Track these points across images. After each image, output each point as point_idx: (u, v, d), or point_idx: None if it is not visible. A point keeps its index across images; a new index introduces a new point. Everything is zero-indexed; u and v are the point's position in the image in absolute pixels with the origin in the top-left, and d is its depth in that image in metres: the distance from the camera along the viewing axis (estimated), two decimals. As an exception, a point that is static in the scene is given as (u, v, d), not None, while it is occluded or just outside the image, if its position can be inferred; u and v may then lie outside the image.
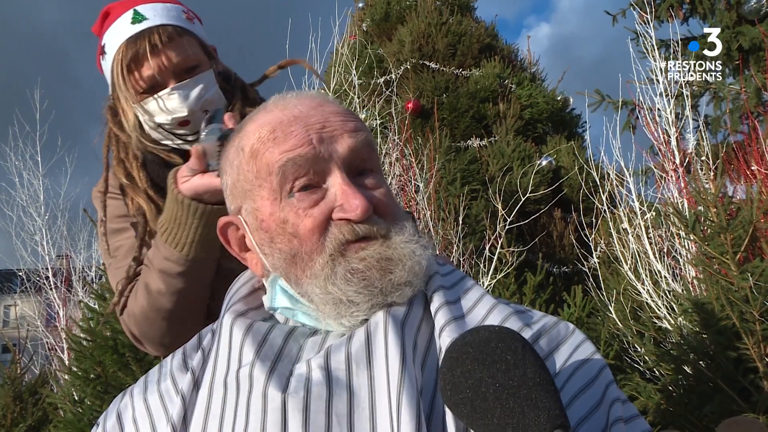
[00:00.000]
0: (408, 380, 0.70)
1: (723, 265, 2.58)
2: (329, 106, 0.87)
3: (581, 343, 0.79)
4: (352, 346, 0.76)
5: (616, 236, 3.60)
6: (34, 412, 4.14)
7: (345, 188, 0.80)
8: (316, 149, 0.81)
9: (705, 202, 2.71)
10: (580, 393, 0.73)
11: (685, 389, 2.62)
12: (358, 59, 5.46)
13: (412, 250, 0.81)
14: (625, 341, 3.19)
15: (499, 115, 6.35)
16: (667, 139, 3.73)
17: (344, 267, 0.78)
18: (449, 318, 0.77)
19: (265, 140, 0.83)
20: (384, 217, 0.83)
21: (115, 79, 1.34)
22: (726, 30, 6.02)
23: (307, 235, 0.80)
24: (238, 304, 0.88)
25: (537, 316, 0.82)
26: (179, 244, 1.25)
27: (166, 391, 0.84)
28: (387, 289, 0.78)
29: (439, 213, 3.76)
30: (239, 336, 0.81)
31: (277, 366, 0.76)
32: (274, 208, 0.83)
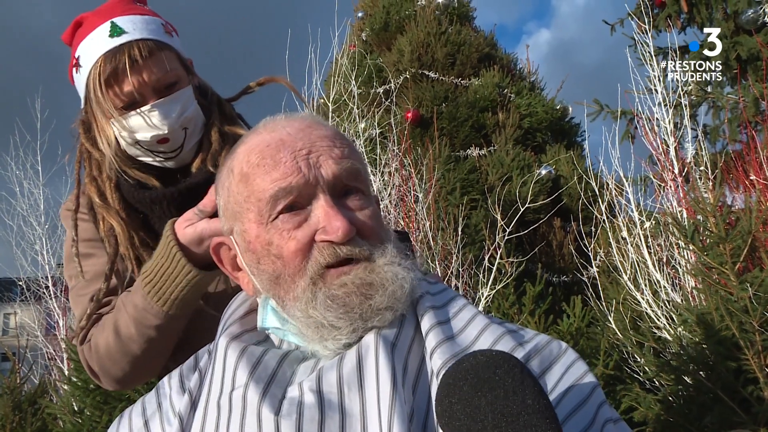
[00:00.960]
0: (399, 404, 0.70)
1: (722, 276, 2.58)
2: (317, 129, 0.88)
3: (573, 363, 0.79)
4: (343, 369, 0.76)
5: (615, 246, 3.60)
6: (33, 422, 4.12)
7: (328, 210, 0.81)
8: (305, 176, 0.82)
9: (704, 212, 2.72)
10: (572, 413, 0.73)
11: (685, 400, 2.61)
12: (357, 69, 5.48)
13: (395, 273, 0.81)
14: (624, 351, 3.19)
15: (499, 125, 6.36)
16: (666, 149, 3.74)
17: (324, 293, 0.80)
18: (440, 339, 0.78)
19: (255, 165, 0.85)
20: (367, 238, 0.83)
21: (91, 93, 1.28)
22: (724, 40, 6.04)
23: (290, 257, 0.82)
24: (233, 326, 0.89)
25: (529, 335, 0.82)
26: (161, 299, 1.19)
27: (165, 413, 0.85)
28: (367, 315, 0.79)
29: (439, 223, 3.77)
30: (233, 358, 0.81)
31: (270, 388, 0.77)
32: (260, 231, 0.84)
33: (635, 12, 5.60)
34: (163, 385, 0.90)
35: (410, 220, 3.66)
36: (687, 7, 6.47)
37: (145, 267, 1.22)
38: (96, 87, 1.26)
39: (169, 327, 1.23)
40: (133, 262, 1.33)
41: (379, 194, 3.86)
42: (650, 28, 4.60)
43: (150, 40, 1.28)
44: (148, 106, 1.27)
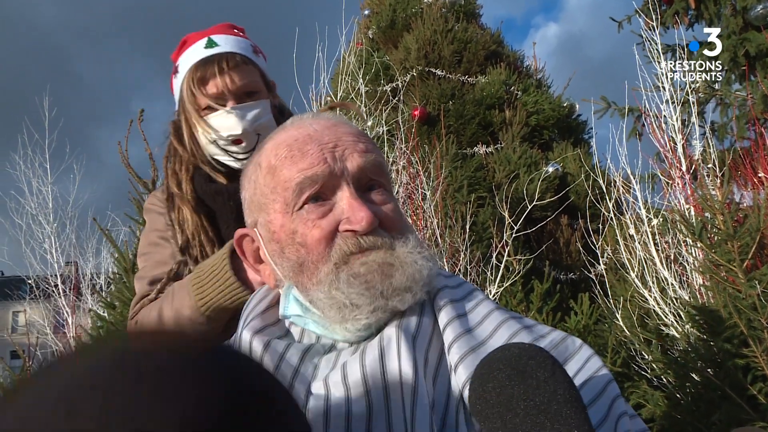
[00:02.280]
0: (420, 395, 0.72)
1: (730, 273, 2.58)
2: (342, 126, 0.91)
3: (589, 358, 0.80)
4: (366, 361, 0.78)
5: (622, 243, 3.60)
6: (43, 419, 4.15)
7: (352, 201, 0.84)
8: (330, 167, 0.85)
9: (712, 209, 2.72)
10: (589, 406, 0.74)
11: (692, 397, 2.61)
12: (364, 67, 5.49)
13: (414, 259, 0.84)
14: (632, 348, 3.19)
15: (506, 122, 6.35)
16: (674, 146, 3.73)
17: (347, 272, 0.82)
18: (457, 333, 0.80)
19: (283, 158, 0.88)
20: (389, 230, 0.86)
21: (184, 94, 1.48)
22: (732, 36, 6.01)
23: (314, 245, 0.84)
24: (255, 321, 0.91)
25: (545, 331, 0.84)
26: (203, 298, 1.29)
27: None
28: (387, 293, 0.81)
29: (446, 221, 3.77)
30: (257, 353, 0.84)
31: (294, 384, 0.79)
32: (285, 220, 0.87)
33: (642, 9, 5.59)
34: None
35: (418, 218, 3.67)
36: (694, 4, 6.44)
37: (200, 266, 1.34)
38: (188, 87, 1.47)
39: (202, 326, 1.31)
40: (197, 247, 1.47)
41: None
42: (657, 26, 4.58)
43: (238, 54, 1.49)
44: (228, 107, 1.45)
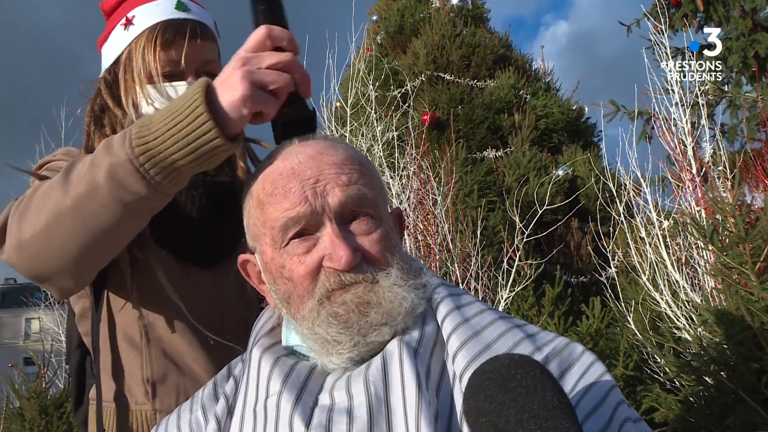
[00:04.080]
0: (425, 406, 0.75)
1: (742, 275, 2.57)
2: (327, 155, 0.91)
3: (591, 364, 0.82)
4: (369, 375, 0.81)
5: (633, 246, 3.60)
6: (59, 425, 4.20)
7: (333, 238, 0.86)
8: (312, 205, 0.87)
9: (723, 211, 2.71)
10: (591, 414, 0.76)
11: (706, 400, 2.61)
12: (374, 72, 5.52)
13: (395, 293, 0.86)
14: (644, 352, 3.19)
15: (515, 126, 6.36)
16: (684, 149, 3.73)
17: (327, 311, 0.85)
18: (462, 341, 0.82)
19: (269, 194, 0.90)
20: (373, 263, 0.88)
21: (137, 52, 1.26)
22: (742, 38, 5.99)
23: (299, 281, 0.87)
24: (264, 339, 0.95)
25: (548, 338, 0.86)
26: (144, 137, 0.91)
27: (195, 421, 0.91)
28: (364, 330, 0.84)
29: (457, 225, 3.79)
30: (267, 368, 0.87)
31: (303, 396, 0.82)
32: (274, 254, 0.90)
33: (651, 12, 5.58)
34: (196, 395, 0.96)
35: (429, 224, 3.68)
36: (703, 6, 6.43)
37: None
38: (148, 47, 1.26)
39: (124, 185, 0.93)
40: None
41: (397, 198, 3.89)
42: (666, 29, 4.58)
43: (208, 28, 1.33)
44: (188, 81, 1.27)
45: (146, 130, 0.92)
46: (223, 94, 0.91)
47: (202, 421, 0.90)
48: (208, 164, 0.94)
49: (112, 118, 1.32)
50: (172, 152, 0.91)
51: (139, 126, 0.93)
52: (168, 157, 0.91)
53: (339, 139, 1.00)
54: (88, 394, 1.31)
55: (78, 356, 1.37)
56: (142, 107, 1.28)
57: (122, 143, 0.93)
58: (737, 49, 5.86)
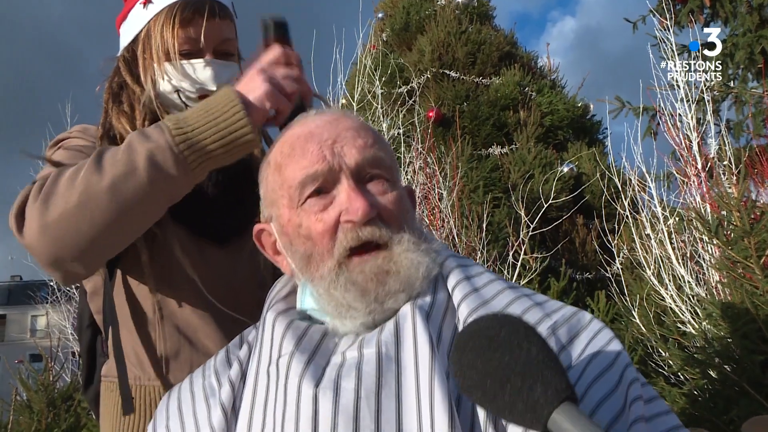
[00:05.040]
0: (438, 363, 0.76)
1: (747, 269, 2.59)
2: (344, 121, 0.95)
3: (600, 331, 0.83)
4: (382, 337, 0.82)
5: (638, 242, 3.61)
6: (66, 418, 4.24)
7: (350, 192, 0.88)
8: (329, 163, 0.89)
9: (728, 206, 2.72)
10: (599, 377, 0.77)
11: (710, 393, 2.62)
12: (380, 68, 5.53)
13: (411, 259, 0.88)
14: (649, 346, 3.20)
15: (520, 123, 6.37)
16: (689, 144, 3.73)
17: (346, 277, 0.87)
18: (472, 308, 0.84)
19: (287, 156, 0.93)
20: (387, 222, 0.90)
21: (156, 30, 1.28)
22: (748, 34, 5.97)
23: (318, 238, 0.89)
24: (278, 304, 0.96)
25: (556, 306, 0.87)
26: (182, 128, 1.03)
27: (209, 386, 0.92)
28: (381, 298, 0.86)
29: (463, 221, 3.80)
30: (281, 330, 0.88)
31: (314, 357, 0.84)
32: (291, 214, 0.91)
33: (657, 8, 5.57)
34: (208, 363, 0.97)
35: (435, 218, 3.70)
36: (709, 2, 6.41)
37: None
38: (167, 25, 1.27)
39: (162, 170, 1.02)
40: None
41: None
42: (672, 25, 4.58)
43: (226, 7, 1.34)
44: (207, 60, 1.29)
45: (183, 123, 1.03)
46: (248, 93, 1.06)
47: (215, 385, 0.91)
48: (236, 155, 1.07)
49: (130, 94, 1.33)
50: (210, 142, 1.03)
51: (174, 120, 1.04)
52: (206, 147, 1.03)
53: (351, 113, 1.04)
54: (100, 372, 1.33)
55: (89, 335, 1.38)
56: (160, 84, 1.30)
57: (160, 133, 1.03)
58: (744, 45, 5.85)
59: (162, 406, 0.94)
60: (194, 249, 1.27)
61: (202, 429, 0.85)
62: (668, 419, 0.79)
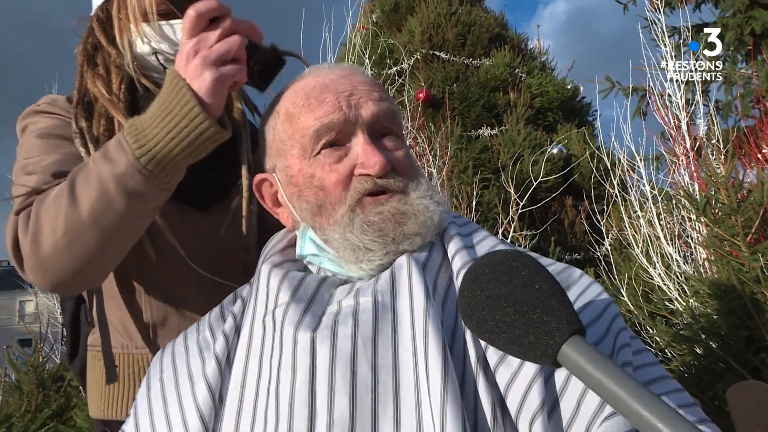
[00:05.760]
0: (433, 310, 0.77)
1: (734, 247, 2.61)
2: (357, 76, 0.95)
3: (590, 285, 0.84)
4: (378, 286, 0.83)
5: (627, 221, 3.63)
6: (56, 398, 4.23)
7: (366, 147, 0.88)
8: (346, 114, 0.89)
9: (715, 184, 2.74)
10: (588, 326, 0.78)
11: (696, 369, 2.65)
12: (369, 49, 5.50)
13: (426, 205, 0.89)
14: (637, 323, 3.23)
15: (510, 104, 6.36)
16: (678, 124, 3.75)
17: (361, 219, 0.87)
18: (465, 261, 0.84)
19: (300, 106, 0.92)
20: (402, 175, 0.91)
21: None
22: (738, 14, 5.98)
23: (332, 188, 0.89)
24: (274, 257, 0.96)
25: (546, 262, 0.88)
26: (141, 144, 0.98)
27: (203, 339, 0.92)
28: (399, 239, 0.86)
29: (452, 200, 3.80)
30: (276, 282, 0.88)
31: (311, 307, 0.84)
32: (303, 165, 0.91)
33: (647, -11, 5.54)
34: (203, 320, 0.97)
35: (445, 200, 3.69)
36: (700, -17, 6.41)
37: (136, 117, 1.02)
38: None
39: (137, 192, 1.00)
40: None
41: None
42: (663, 5, 4.58)
43: None
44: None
45: (143, 137, 0.97)
46: (194, 85, 0.97)
47: (210, 339, 0.91)
48: (205, 151, 1.02)
49: (105, 57, 1.27)
50: (176, 152, 0.98)
51: (134, 134, 0.98)
52: (173, 158, 0.98)
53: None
54: (85, 342, 1.32)
55: (72, 305, 1.37)
56: (137, 46, 1.23)
57: (122, 154, 0.98)
58: (733, 26, 5.86)
59: (156, 360, 0.94)
60: (176, 214, 1.24)
61: (196, 381, 0.85)
62: (654, 370, 0.80)
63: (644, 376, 0.78)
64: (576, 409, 0.70)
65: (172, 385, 0.87)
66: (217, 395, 0.83)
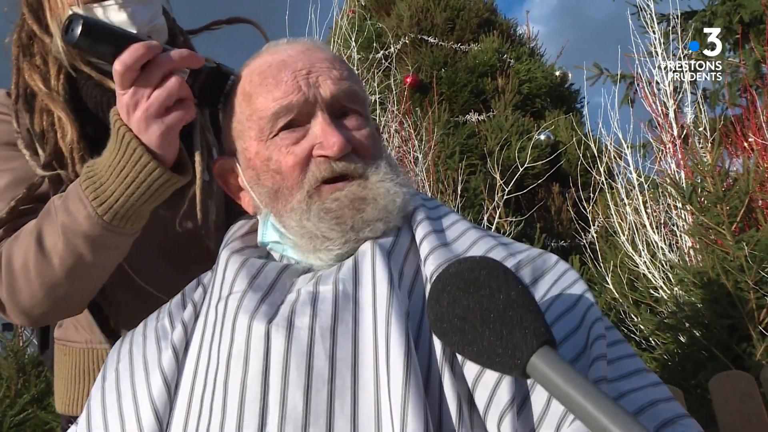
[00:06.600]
0: (396, 300, 0.73)
1: (719, 236, 2.61)
2: (317, 52, 0.90)
3: (565, 272, 0.81)
4: (340, 274, 0.79)
5: (614, 209, 3.62)
6: (36, 383, 4.18)
7: (325, 127, 0.84)
8: (305, 94, 0.85)
9: (702, 172, 2.73)
10: (561, 316, 0.75)
11: (679, 357, 2.66)
12: (357, 32, 5.44)
13: (387, 188, 0.85)
14: (621, 311, 3.23)
15: (498, 90, 6.33)
16: (665, 112, 3.74)
17: (318, 206, 0.83)
18: (433, 246, 0.81)
19: (257, 84, 0.88)
20: (362, 157, 0.86)
21: None
22: (727, 2, 5.97)
23: (288, 171, 0.85)
24: (235, 242, 0.92)
25: (522, 247, 0.85)
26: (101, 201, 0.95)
27: (161, 328, 0.88)
28: (358, 226, 0.82)
29: (438, 186, 3.78)
30: (234, 268, 0.85)
31: (269, 296, 0.80)
32: (260, 147, 0.87)
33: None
34: (163, 307, 0.93)
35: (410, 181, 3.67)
36: (689, -29, 6.38)
37: (90, 162, 0.99)
38: None
39: (105, 245, 0.99)
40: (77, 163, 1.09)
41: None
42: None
43: None
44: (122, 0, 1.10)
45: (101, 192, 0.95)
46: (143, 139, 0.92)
47: (168, 328, 0.87)
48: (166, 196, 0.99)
49: (40, 46, 1.17)
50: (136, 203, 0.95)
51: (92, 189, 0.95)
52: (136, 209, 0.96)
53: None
54: (53, 334, 1.28)
55: None
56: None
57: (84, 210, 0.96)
58: (722, 14, 5.85)
59: (114, 350, 0.91)
60: None
61: (152, 372, 0.81)
62: (631, 362, 0.77)
63: (620, 369, 0.75)
64: (546, 407, 0.67)
65: (127, 376, 0.83)
66: (173, 387, 0.79)
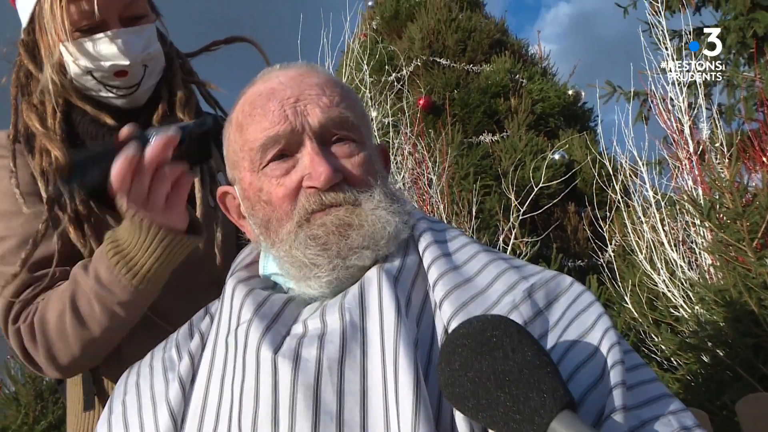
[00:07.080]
0: (404, 330, 0.71)
1: (739, 252, 2.56)
2: (310, 77, 0.89)
3: (580, 294, 0.78)
4: (345, 303, 0.78)
5: (630, 227, 3.58)
6: (54, 410, 4.19)
7: (313, 157, 0.83)
8: (292, 124, 0.84)
9: (720, 188, 2.69)
10: (576, 344, 0.72)
11: (703, 378, 2.60)
12: (369, 55, 5.47)
13: (378, 216, 0.83)
14: (641, 331, 3.18)
15: (511, 110, 6.33)
16: (681, 128, 3.70)
17: (305, 233, 0.82)
18: (442, 271, 0.79)
19: (248, 115, 0.88)
20: (354, 186, 0.85)
21: (46, 6, 1.11)
22: (740, 17, 5.94)
23: (278, 203, 0.84)
24: (241, 272, 0.92)
25: (535, 269, 0.83)
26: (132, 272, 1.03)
27: (168, 359, 0.87)
28: (344, 252, 0.81)
29: (453, 207, 3.76)
30: (240, 298, 0.84)
31: (274, 325, 0.79)
32: (252, 178, 0.87)
33: (648, -7, 5.52)
34: (170, 337, 0.93)
35: (424, 203, 3.66)
36: (700, -14, 6.38)
37: (109, 234, 1.05)
38: (54, 1, 1.10)
39: (138, 304, 1.08)
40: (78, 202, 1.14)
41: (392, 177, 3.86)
42: (663, 9, 4.54)
43: None
44: (112, 32, 1.13)
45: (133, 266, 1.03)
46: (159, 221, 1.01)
47: (175, 358, 0.86)
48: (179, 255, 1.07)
49: (36, 85, 1.18)
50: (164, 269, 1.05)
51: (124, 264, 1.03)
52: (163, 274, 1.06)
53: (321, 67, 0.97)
54: None
55: None
56: (71, 68, 1.16)
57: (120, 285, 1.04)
58: (735, 29, 5.82)
59: (121, 381, 0.90)
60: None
61: (159, 404, 0.80)
62: (652, 387, 0.74)
63: (642, 395, 0.72)
64: None
65: (134, 410, 0.82)
66: (179, 421, 0.78)
